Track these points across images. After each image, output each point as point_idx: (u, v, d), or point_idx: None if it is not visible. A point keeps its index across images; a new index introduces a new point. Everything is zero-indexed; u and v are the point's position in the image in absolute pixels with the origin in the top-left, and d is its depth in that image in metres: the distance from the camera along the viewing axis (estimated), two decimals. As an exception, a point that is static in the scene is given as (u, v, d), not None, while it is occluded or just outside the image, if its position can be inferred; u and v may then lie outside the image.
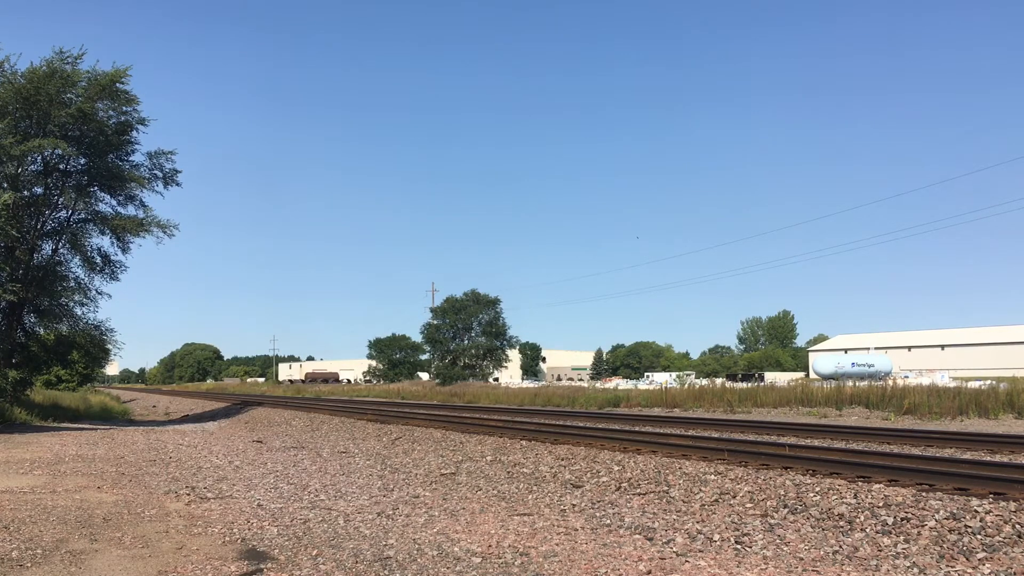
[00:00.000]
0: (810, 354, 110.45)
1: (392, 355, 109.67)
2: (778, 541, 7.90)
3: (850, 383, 35.67)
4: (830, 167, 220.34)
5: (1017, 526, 7.44)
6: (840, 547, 7.57)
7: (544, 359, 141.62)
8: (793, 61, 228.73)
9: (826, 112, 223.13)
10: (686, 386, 41.61)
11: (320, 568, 7.05)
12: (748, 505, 9.66)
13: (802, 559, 7.24)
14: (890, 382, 36.53)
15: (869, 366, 71.41)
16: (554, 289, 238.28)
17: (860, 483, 9.62)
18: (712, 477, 10.96)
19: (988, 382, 34.42)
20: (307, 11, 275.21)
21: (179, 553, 7.66)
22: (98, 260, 30.58)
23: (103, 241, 30.80)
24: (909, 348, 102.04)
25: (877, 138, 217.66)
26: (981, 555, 6.99)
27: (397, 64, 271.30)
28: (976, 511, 7.89)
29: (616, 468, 12.52)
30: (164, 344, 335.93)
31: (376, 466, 15.30)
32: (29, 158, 27.18)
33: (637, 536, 8.35)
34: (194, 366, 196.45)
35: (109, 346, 31.77)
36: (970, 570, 6.65)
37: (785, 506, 9.33)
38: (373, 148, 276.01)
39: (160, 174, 30.81)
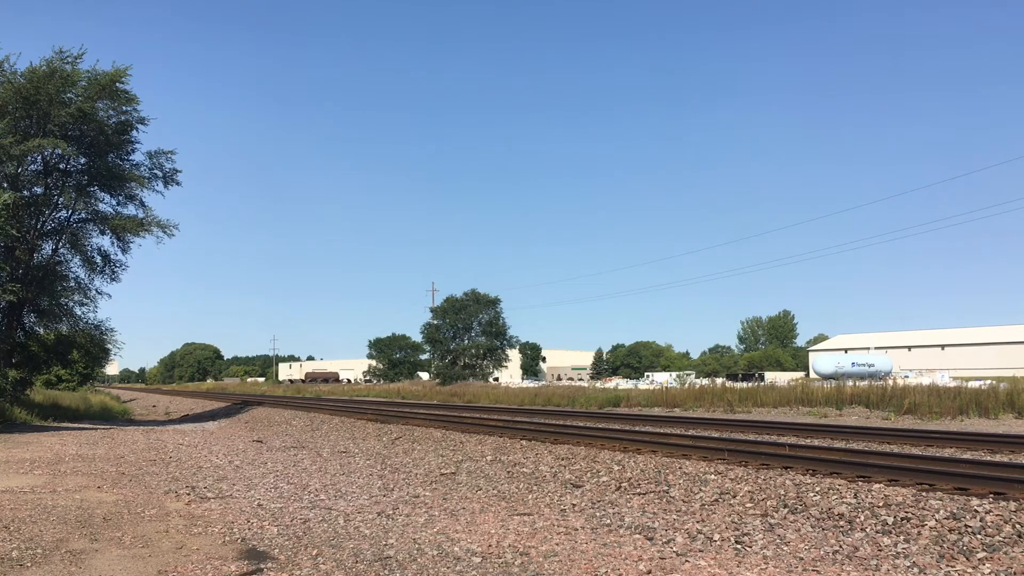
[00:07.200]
0: (810, 354, 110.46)
1: (392, 355, 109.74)
2: (778, 541, 7.90)
3: (850, 383, 35.65)
4: (830, 167, 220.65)
5: (1017, 526, 7.44)
6: (840, 547, 7.57)
7: (544, 359, 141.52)
8: (792, 60, 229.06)
9: (826, 112, 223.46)
10: (686, 386, 41.59)
11: (320, 568, 7.05)
12: (748, 505, 9.66)
13: (802, 559, 7.24)
14: (890, 382, 36.57)
15: (869, 366, 71.46)
16: (554, 289, 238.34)
17: (860, 483, 9.62)
18: (712, 477, 10.96)
19: (988, 382, 34.44)
20: (307, 11, 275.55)
21: (179, 553, 7.66)
22: (98, 260, 30.67)
23: (103, 241, 30.92)
24: (909, 348, 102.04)
25: (877, 138, 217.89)
26: (981, 555, 6.99)
27: (397, 64, 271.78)
28: (976, 511, 7.89)
29: (616, 468, 12.52)
30: (164, 344, 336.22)
31: (376, 466, 15.31)
32: (29, 158, 27.22)
33: (637, 536, 8.35)
34: (194, 366, 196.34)
35: (109, 346, 31.83)
36: (970, 570, 6.65)
37: (785, 506, 9.33)
38: (373, 148, 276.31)
39: (160, 174, 30.92)
